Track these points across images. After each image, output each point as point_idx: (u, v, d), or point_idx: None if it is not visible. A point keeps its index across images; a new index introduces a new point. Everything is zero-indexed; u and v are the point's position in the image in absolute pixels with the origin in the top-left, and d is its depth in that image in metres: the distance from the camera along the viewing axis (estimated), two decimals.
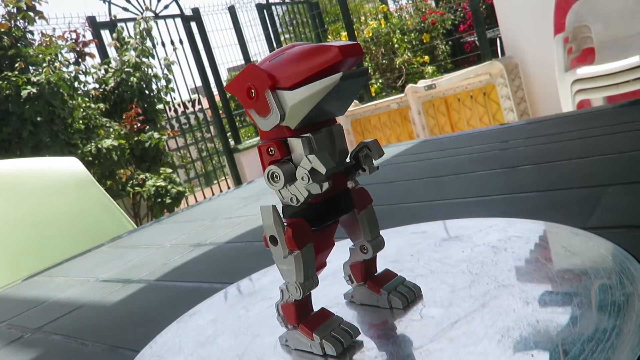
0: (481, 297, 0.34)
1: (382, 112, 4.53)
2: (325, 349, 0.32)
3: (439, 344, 0.30)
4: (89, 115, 3.85)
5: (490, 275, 0.37)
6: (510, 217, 0.49)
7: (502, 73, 3.73)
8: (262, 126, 0.31)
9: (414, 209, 0.65)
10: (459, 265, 0.40)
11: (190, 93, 5.28)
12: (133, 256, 0.85)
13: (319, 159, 0.29)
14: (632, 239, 0.39)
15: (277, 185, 0.31)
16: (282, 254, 0.31)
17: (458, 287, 0.36)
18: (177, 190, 3.94)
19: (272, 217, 0.31)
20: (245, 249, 0.70)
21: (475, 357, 0.28)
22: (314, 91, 0.28)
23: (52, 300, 0.71)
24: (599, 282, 0.32)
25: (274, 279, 0.50)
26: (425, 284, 0.38)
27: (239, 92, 0.31)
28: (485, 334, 0.30)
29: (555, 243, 0.42)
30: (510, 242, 0.42)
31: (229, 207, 1.05)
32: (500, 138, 0.95)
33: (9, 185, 1.31)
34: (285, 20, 6.23)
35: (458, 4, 6.56)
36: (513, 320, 0.30)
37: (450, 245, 0.45)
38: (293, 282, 0.32)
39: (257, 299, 0.46)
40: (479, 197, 0.62)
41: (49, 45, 3.74)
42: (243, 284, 0.52)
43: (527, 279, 0.36)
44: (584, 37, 2.86)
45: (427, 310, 0.34)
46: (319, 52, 0.28)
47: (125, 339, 0.50)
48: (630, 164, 0.59)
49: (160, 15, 4.84)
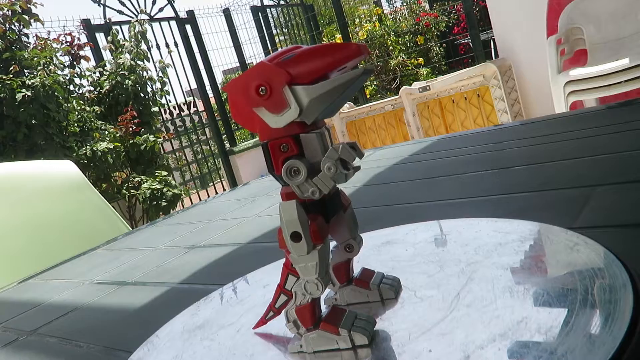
0: (464, 274, 0.37)
1: (376, 114, 4.54)
2: (355, 340, 0.32)
3: (459, 312, 0.32)
4: (84, 118, 3.85)
5: (459, 258, 0.40)
6: (499, 217, 0.50)
7: (495, 75, 3.75)
8: (274, 123, 0.31)
9: (407, 210, 0.66)
10: (430, 258, 0.43)
11: (186, 95, 5.28)
12: (128, 258, 0.86)
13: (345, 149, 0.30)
14: (618, 238, 0.40)
15: (296, 180, 0.31)
16: (305, 250, 0.31)
17: (433, 273, 0.39)
18: (172, 193, 3.93)
19: (296, 212, 0.31)
20: (239, 250, 0.71)
21: (500, 311, 0.31)
22: (337, 84, 0.29)
23: (47, 303, 0.72)
24: (579, 280, 0.33)
25: (269, 279, 0.50)
26: (404, 277, 0.39)
27: (244, 91, 0.31)
28: (494, 294, 0.32)
29: (538, 242, 0.43)
30: (484, 240, 0.44)
31: (224, 209, 1.05)
32: (494, 139, 0.96)
33: (4, 189, 1.31)
34: (280, 22, 6.24)
35: (452, 7, 6.59)
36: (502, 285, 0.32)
37: (425, 245, 0.47)
38: (313, 279, 0.32)
39: (253, 299, 0.46)
40: (470, 197, 0.63)
41: (44, 48, 3.74)
42: (238, 285, 0.52)
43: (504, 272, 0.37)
44: (577, 39, 2.88)
45: (423, 292, 0.36)
46: (340, 48, 0.29)
47: (120, 341, 0.50)
48: (619, 163, 0.60)
49: (155, 18, 4.84)
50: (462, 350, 0.28)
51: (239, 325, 0.41)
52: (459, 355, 0.28)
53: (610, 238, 0.40)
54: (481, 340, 0.29)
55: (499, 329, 0.29)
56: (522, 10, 3.67)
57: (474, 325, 0.30)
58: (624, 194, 0.49)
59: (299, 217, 0.31)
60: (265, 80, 0.30)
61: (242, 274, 0.55)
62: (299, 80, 0.30)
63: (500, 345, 0.28)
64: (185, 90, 5.30)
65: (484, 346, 0.28)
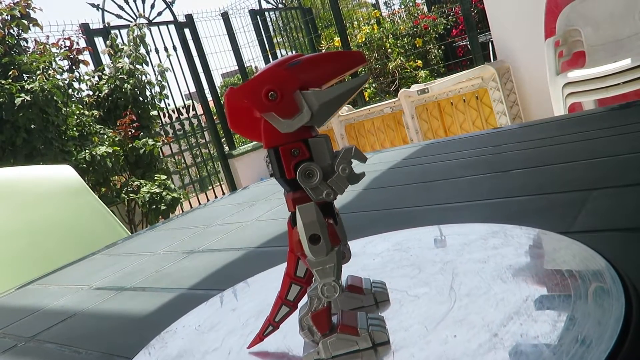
0: (446, 271, 0.38)
1: (375, 117, 4.54)
2: (374, 338, 0.32)
3: (462, 301, 0.33)
4: (83, 122, 3.85)
5: (442, 265, 0.41)
6: (495, 222, 0.50)
7: (494, 77, 3.76)
8: (284, 128, 0.31)
9: (402, 214, 0.66)
10: (402, 263, 0.43)
11: (185, 99, 5.29)
12: (126, 264, 0.86)
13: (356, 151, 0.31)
14: (613, 242, 0.40)
15: (311, 182, 0.31)
16: (324, 252, 0.31)
17: (414, 275, 0.40)
18: (171, 197, 3.94)
19: (315, 214, 0.31)
20: (238, 255, 0.71)
21: (502, 295, 0.32)
22: (346, 89, 0.31)
23: (45, 309, 0.72)
24: (566, 285, 0.33)
25: (268, 283, 0.50)
26: (386, 282, 0.39)
27: (251, 96, 0.31)
28: (487, 283, 0.33)
29: (531, 248, 0.43)
30: (472, 246, 0.44)
31: (222, 214, 1.05)
32: (492, 142, 0.96)
33: (3, 194, 1.31)
34: (278, 25, 6.25)
35: (450, 9, 6.60)
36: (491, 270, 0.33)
37: (393, 253, 0.47)
38: (331, 282, 0.32)
39: (252, 303, 0.47)
40: (466, 202, 0.63)
41: (43, 53, 3.74)
42: (238, 289, 0.52)
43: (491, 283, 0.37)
44: (575, 40, 2.89)
45: (415, 291, 0.36)
46: (345, 55, 0.31)
47: (118, 347, 0.50)
48: (617, 167, 0.60)
49: (154, 22, 4.84)
50: (487, 330, 0.29)
51: (226, 348, 0.39)
52: (485, 335, 0.29)
53: (605, 242, 0.40)
54: (500, 319, 0.30)
55: (510, 308, 0.30)
56: (520, 12, 3.68)
57: (484, 309, 0.31)
58: (621, 198, 0.50)
59: (318, 219, 0.31)
60: (275, 85, 0.31)
61: (241, 279, 0.55)
62: (309, 85, 0.31)
63: (521, 321, 0.29)
64: (184, 94, 5.31)
65: (505, 324, 0.29)
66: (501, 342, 0.28)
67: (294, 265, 0.34)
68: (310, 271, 0.33)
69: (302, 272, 0.34)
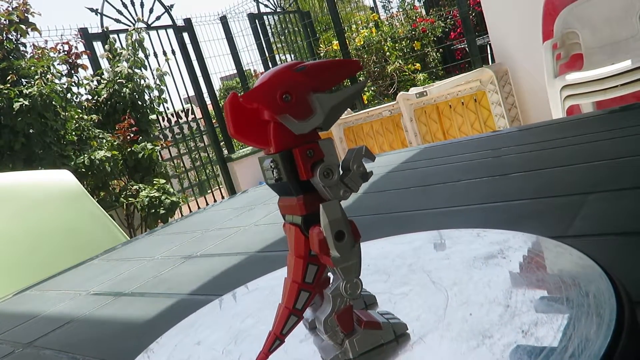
0: (424, 271, 0.38)
1: (374, 120, 4.55)
2: (396, 330, 0.32)
3: (462, 292, 0.33)
4: (81, 126, 3.85)
5: (423, 268, 0.40)
6: (490, 226, 0.50)
7: (492, 79, 3.76)
8: (299, 129, 0.31)
9: (399, 219, 0.66)
10: (371, 270, 0.43)
11: (183, 103, 5.29)
12: (124, 269, 0.86)
13: None
14: (609, 247, 0.40)
15: (330, 182, 0.32)
16: (348, 248, 0.31)
17: (386, 280, 0.40)
18: (170, 201, 3.93)
19: (339, 211, 0.31)
20: (236, 260, 0.71)
21: (500, 285, 0.32)
22: (351, 93, 0.32)
23: (43, 315, 0.72)
24: (556, 290, 0.33)
25: (269, 287, 0.50)
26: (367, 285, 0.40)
27: (267, 98, 0.31)
28: (480, 274, 0.33)
29: (524, 254, 0.43)
30: (461, 253, 0.44)
31: (221, 218, 1.05)
32: (490, 146, 0.96)
33: (1, 199, 1.31)
34: (277, 29, 6.26)
35: (448, 12, 6.62)
36: None
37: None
38: (353, 279, 0.32)
39: (250, 309, 0.46)
40: (463, 206, 0.63)
41: (41, 57, 3.74)
42: (238, 293, 0.52)
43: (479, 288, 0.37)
44: (572, 43, 2.90)
45: (398, 290, 0.37)
46: (345, 62, 0.33)
47: (116, 352, 0.50)
48: (614, 170, 0.60)
49: (153, 26, 4.85)
50: (498, 304, 0.30)
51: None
52: (501, 309, 0.29)
53: (599, 246, 0.40)
54: (501, 296, 0.30)
55: (514, 294, 0.30)
56: (517, 15, 3.69)
57: (487, 294, 0.31)
58: (616, 202, 0.50)
59: (342, 216, 0.31)
60: (289, 88, 0.31)
61: (239, 283, 0.55)
62: (321, 88, 0.32)
63: (531, 298, 0.29)
64: (183, 98, 5.32)
65: (518, 302, 0.29)
66: (519, 310, 0.29)
67: (302, 271, 0.33)
68: (319, 276, 0.33)
69: (311, 277, 0.33)
